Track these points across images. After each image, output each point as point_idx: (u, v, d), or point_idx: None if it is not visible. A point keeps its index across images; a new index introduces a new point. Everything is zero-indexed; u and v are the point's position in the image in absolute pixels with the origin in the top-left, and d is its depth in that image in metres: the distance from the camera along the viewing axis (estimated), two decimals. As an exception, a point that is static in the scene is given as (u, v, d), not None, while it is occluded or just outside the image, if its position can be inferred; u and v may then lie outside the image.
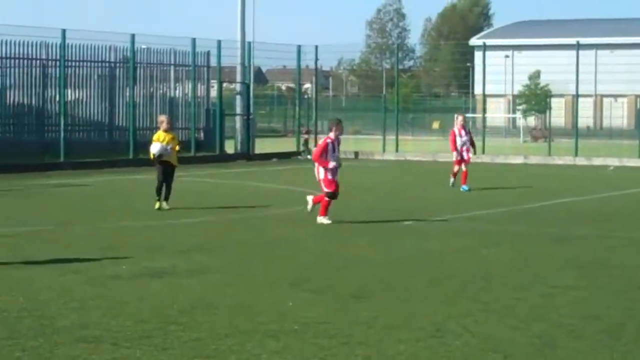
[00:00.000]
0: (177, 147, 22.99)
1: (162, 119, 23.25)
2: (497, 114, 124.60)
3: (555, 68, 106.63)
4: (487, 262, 15.64)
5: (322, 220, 20.25)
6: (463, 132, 30.55)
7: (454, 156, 30.36)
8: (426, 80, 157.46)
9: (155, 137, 22.59)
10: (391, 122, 54.88)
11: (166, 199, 22.32)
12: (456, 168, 30.21)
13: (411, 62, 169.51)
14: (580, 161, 48.26)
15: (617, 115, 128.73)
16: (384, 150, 52.78)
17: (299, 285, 13.11)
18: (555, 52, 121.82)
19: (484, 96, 61.42)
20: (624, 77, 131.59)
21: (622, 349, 9.70)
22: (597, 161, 48.08)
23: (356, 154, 51.78)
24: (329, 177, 20.18)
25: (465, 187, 29.51)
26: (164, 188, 22.34)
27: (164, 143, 22.30)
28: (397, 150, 52.50)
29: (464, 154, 30.15)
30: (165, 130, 22.54)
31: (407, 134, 65.36)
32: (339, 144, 20.71)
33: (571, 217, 23.05)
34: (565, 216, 23.23)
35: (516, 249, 17.19)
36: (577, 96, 54.83)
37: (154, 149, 22.27)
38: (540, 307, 11.85)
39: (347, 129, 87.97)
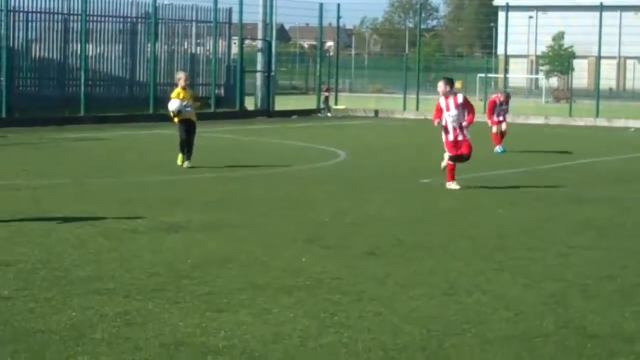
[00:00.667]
0: (197, 103, 22.93)
1: (180, 75, 23.10)
2: (519, 74, 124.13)
3: (578, 29, 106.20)
4: (503, 221, 15.62)
5: (449, 185, 19.27)
6: (504, 102, 30.47)
7: (489, 123, 29.68)
8: (449, 39, 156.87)
9: (173, 94, 22.54)
10: (413, 82, 54.81)
11: (188, 158, 22.23)
12: (495, 128, 29.55)
13: (434, 22, 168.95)
14: (601, 122, 48.09)
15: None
16: (404, 109, 52.74)
17: (313, 241, 13.13)
18: (579, 13, 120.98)
19: (506, 57, 61.27)
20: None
21: (633, 309, 9.69)
22: (618, 123, 47.88)
23: (376, 112, 51.75)
24: (449, 138, 19.19)
25: (499, 148, 29.13)
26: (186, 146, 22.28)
27: (182, 100, 22.24)
28: (417, 109, 52.42)
29: (501, 118, 29.73)
30: (183, 88, 22.48)
31: (428, 94, 65.05)
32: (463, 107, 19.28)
33: (589, 178, 23.00)
34: (583, 177, 23.17)
35: (533, 209, 17.17)
36: (599, 57, 54.63)
37: (172, 105, 22.20)
38: (554, 266, 11.84)
39: (368, 88, 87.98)
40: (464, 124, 18.93)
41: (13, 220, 14.19)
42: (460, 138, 19.08)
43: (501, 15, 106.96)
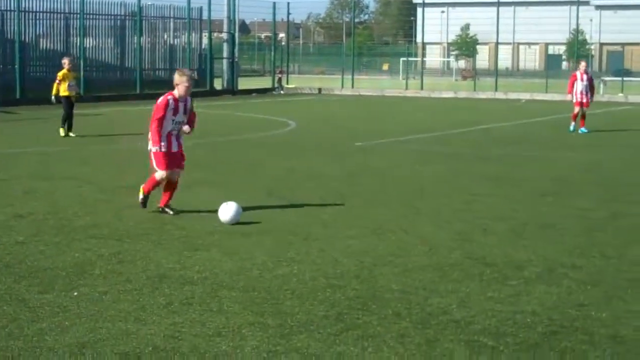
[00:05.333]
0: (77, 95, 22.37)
1: (65, 60, 22.22)
2: (434, 58, 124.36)
3: (481, 21, 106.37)
4: (420, 175, 15.69)
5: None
6: (585, 77, 25.82)
7: (572, 98, 25.86)
8: (378, 31, 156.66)
9: (59, 74, 21.81)
10: (349, 65, 54.92)
11: (70, 129, 21.85)
12: (576, 110, 25.59)
13: (366, 16, 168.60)
14: (499, 95, 48.31)
15: (530, 59, 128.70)
16: (342, 87, 52.74)
17: (271, 194, 13.14)
18: (482, 7, 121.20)
19: (424, 44, 61.30)
20: (536, 29, 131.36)
21: (523, 243, 9.79)
22: (513, 95, 48.14)
23: (319, 89, 51.69)
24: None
25: (583, 129, 25.21)
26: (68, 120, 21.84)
27: (67, 80, 21.75)
28: (352, 87, 52.44)
29: (583, 97, 25.61)
30: (68, 70, 21.83)
31: (361, 74, 65.08)
32: None
33: (491, 140, 23.12)
34: (486, 139, 23.30)
35: (445, 165, 17.25)
36: (497, 44, 54.91)
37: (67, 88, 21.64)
38: (461, 210, 11.93)
39: (313, 70, 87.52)
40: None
41: (27, 179, 14.09)
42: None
43: (419, 10, 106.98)
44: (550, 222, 11.07)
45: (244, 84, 50.39)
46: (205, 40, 48.50)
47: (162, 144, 11.29)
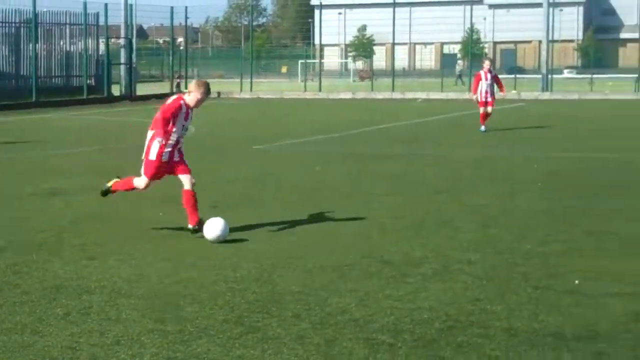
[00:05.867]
0: None
1: None
2: (333, 59, 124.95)
3: (378, 22, 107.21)
4: (319, 176, 15.73)
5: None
6: (489, 76, 25.47)
7: (476, 98, 25.54)
8: (276, 33, 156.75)
9: None
10: (248, 68, 54.81)
11: None
12: (482, 110, 25.31)
13: (264, 19, 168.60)
14: (397, 95, 48.79)
15: (427, 59, 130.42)
16: (241, 90, 52.64)
17: (168, 200, 12.99)
18: (378, 9, 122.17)
19: (322, 46, 61.57)
20: (432, 28, 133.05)
21: (419, 241, 9.88)
22: (410, 95, 48.67)
23: (219, 93, 51.44)
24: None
25: (482, 127, 25.13)
26: None
27: None
28: (251, 90, 52.39)
29: (488, 97, 25.26)
30: None
31: (260, 77, 65.09)
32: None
33: (389, 139, 23.33)
34: (384, 139, 23.49)
35: (343, 165, 17.34)
36: (394, 44, 55.43)
37: None
38: (359, 210, 11.98)
39: (212, 75, 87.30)
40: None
41: None
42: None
43: (317, 12, 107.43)
44: (446, 219, 11.21)
45: (142, 89, 49.86)
46: (102, 46, 47.91)
47: (166, 150, 10.49)
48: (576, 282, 7.96)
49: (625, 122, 29.15)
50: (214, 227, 9.86)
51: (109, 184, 10.87)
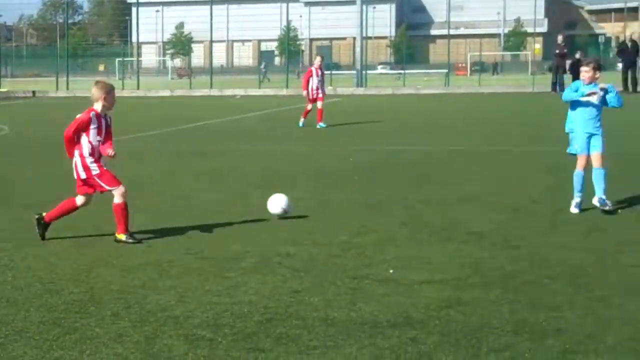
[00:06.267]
0: None
1: None
2: (150, 57, 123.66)
3: (196, 19, 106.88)
4: (137, 173, 15.44)
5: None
6: (319, 72, 25.48)
7: (307, 95, 25.43)
8: (92, 31, 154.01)
9: None
10: (63, 67, 53.65)
11: None
12: (309, 106, 25.36)
13: (80, 17, 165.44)
14: (215, 92, 48.77)
15: (245, 56, 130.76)
16: (57, 89, 51.47)
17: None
18: (196, 6, 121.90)
19: (139, 43, 60.90)
20: (250, 26, 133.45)
21: (240, 235, 9.89)
22: (228, 92, 48.71)
23: (34, 92, 50.15)
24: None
25: (322, 124, 24.97)
26: None
27: None
28: (67, 89, 51.29)
29: (318, 93, 25.33)
30: None
31: (77, 76, 63.72)
32: None
33: (208, 136, 23.30)
34: (203, 135, 23.45)
35: (162, 163, 17.19)
36: (212, 42, 55.34)
37: None
38: (179, 207, 11.94)
39: (27, 74, 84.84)
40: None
41: None
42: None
43: (134, 10, 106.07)
44: (265, 213, 11.27)
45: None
46: None
47: (100, 162, 10.02)
48: (391, 271, 8.16)
49: (434, 116, 30.07)
50: (277, 203, 10.78)
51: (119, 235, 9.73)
